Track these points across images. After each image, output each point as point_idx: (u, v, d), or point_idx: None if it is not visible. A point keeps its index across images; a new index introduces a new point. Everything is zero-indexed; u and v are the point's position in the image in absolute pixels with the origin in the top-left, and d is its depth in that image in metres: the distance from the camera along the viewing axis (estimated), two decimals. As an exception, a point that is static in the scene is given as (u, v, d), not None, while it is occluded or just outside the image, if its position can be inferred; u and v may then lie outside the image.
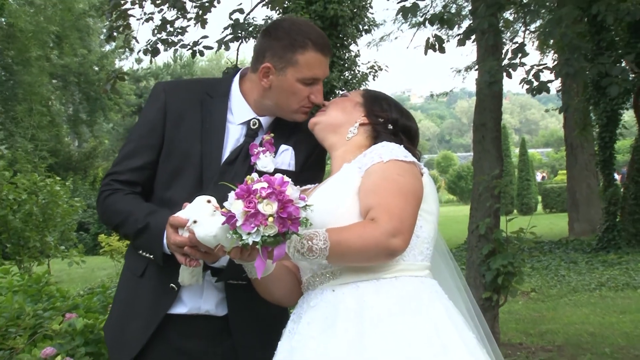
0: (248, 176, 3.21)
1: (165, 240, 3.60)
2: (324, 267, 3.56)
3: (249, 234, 3.12)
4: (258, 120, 3.95)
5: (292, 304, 3.76)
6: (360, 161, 3.67)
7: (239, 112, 3.95)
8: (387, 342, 3.35)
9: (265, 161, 3.87)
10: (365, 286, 3.51)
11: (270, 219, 3.11)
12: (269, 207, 3.12)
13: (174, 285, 3.81)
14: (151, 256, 3.83)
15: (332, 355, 3.37)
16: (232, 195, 3.19)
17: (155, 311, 3.86)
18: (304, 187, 3.85)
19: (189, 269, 3.53)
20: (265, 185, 3.15)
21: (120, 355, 3.93)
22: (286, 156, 3.97)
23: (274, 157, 3.91)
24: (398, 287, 3.51)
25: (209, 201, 3.46)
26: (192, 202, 3.51)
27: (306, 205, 3.21)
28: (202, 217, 3.33)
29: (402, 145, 3.74)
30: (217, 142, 3.91)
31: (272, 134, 3.91)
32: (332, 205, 3.56)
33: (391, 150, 3.64)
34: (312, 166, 4.03)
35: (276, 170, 3.83)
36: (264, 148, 3.88)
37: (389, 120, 3.90)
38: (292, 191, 3.18)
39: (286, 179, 3.20)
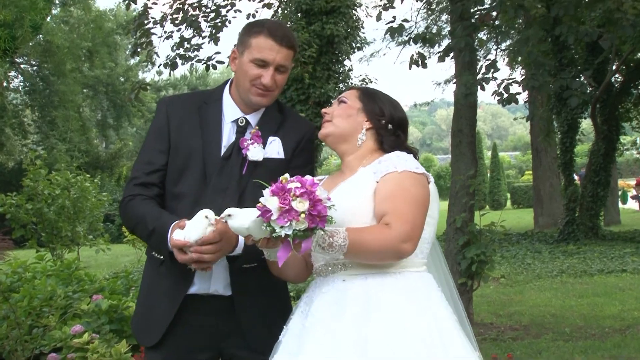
0: (282, 176, 3.29)
1: (169, 243, 3.65)
2: (336, 258, 3.58)
3: (281, 227, 3.19)
4: (245, 118, 3.99)
5: (300, 282, 3.89)
6: (375, 167, 3.68)
7: (229, 112, 4.01)
8: (391, 326, 3.40)
9: (254, 152, 3.90)
10: (373, 278, 3.56)
11: (302, 215, 3.19)
12: (301, 205, 3.19)
13: (191, 267, 3.80)
14: (161, 257, 3.89)
15: (340, 336, 3.40)
16: (267, 192, 3.25)
17: (177, 292, 3.89)
18: (319, 178, 3.93)
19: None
20: (299, 185, 3.23)
21: (150, 337, 3.95)
22: (275, 146, 3.99)
23: (263, 147, 3.94)
24: (401, 281, 3.57)
25: (206, 216, 3.54)
26: (191, 219, 3.58)
27: (332, 205, 3.27)
28: (236, 211, 3.38)
29: (411, 155, 3.77)
30: (215, 140, 3.96)
31: (258, 127, 3.96)
32: (350, 205, 3.58)
33: (405, 162, 3.66)
34: (301, 153, 4.05)
35: (268, 160, 3.94)
36: (252, 141, 3.91)
37: (388, 120, 3.89)
38: (321, 192, 3.25)
39: (316, 180, 3.30)
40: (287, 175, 3.30)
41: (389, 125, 3.88)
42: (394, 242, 3.45)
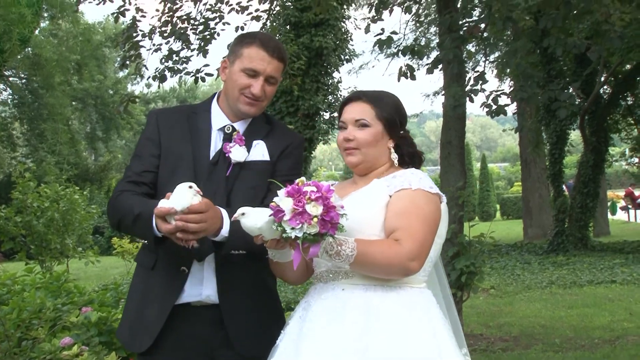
0: (299, 179, 3.30)
1: (155, 227, 3.63)
2: (339, 267, 3.57)
3: (292, 228, 3.19)
4: (232, 125, 4.03)
5: (298, 284, 3.84)
6: (389, 181, 3.67)
7: (217, 121, 4.06)
8: (392, 337, 3.40)
9: (237, 153, 3.94)
10: (373, 290, 3.54)
11: (315, 219, 3.18)
12: (315, 209, 3.19)
13: (184, 268, 3.88)
14: (146, 242, 3.91)
15: (339, 343, 3.40)
16: (282, 192, 3.26)
17: (169, 296, 3.89)
18: (330, 182, 3.91)
19: None
20: (315, 189, 3.23)
21: (140, 343, 3.94)
22: (259, 149, 4.03)
23: (247, 151, 3.97)
24: (402, 295, 3.56)
25: (190, 187, 3.53)
26: (174, 191, 3.55)
27: (344, 213, 3.27)
28: (250, 210, 3.38)
29: (426, 174, 3.75)
30: (204, 145, 4.00)
31: (240, 132, 4.00)
32: (361, 215, 3.56)
33: (419, 180, 3.64)
34: (287, 158, 4.07)
35: (252, 162, 3.97)
36: (234, 143, 3.95)
37: (403, 127, 3.90)
38: (335, 199, 3.26)
39: (332, 187, 3.29)
40: (303, 178, 3.32)
41: (402, 131, 3.88)
42: (402, 260, 3.45)
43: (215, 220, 3.63)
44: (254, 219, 3.34)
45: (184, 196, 3.51)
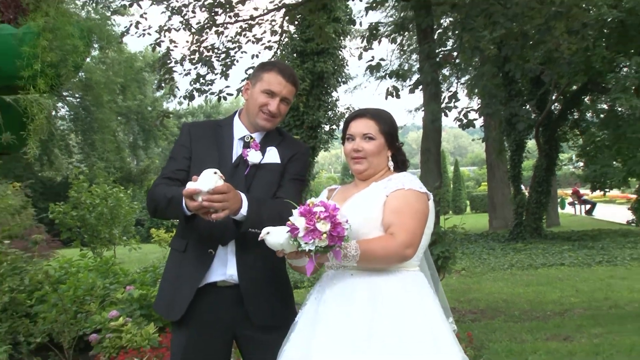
0: (310, 200, 3.31)
1: (184, 205, 3.64)
2: (348, 265, 3.55)
3: (306, 243, 3.21)
4: (250, 135, 4.04)
5: (312, 274, 3.71)
6: (385, 183, 3.67)
7: (238, 131, 4.06)
8: (394, 310, 3.41)
9: (252, 156, 3.95)
10: (377, 275, 3.54)
11: (324, 235, 3.20)
12: (324, 226, 3.20)
13: (211, 250, 3.87)
14: (179, 224, 3.97)
15: (353, 317, 3.40)
16: (296, 212, 3.26)
17: (198, 274, 3.89)
18: (332, 187, 4.05)
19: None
20: (323, 209, 3.23)
21: (175, 312, 3.93)
22: (272, 153, 4.03)
23: (262, 155, 3.99)
24: (400, 278, 3.56)
25: (215, 172, 3.54)
26: (201, 175, 3.55)
27: (349, 227, 3.29)
28: (273, 229, 3.38)
29: (415, 176, 3.77)
30: (228, 152, 4.01)
31: (255, 139, 4.02)
32: (363, 215, 3.56)
33: (411, 182, 3.66)
34: (296, 162, 4.07)
35: (266, 164, 3.98)
36: (251, 148, 3.97)
37: (398, 143, 3.89)
38: (341, 216, 3.26)
39: (338, 205, 3.29)
40: (313, 199, 3.32)
41: (397, 143, 3.88)
42: (399, 249, 3.47)
43: (236, 200, 3.63)
44: (277, 236, 3.34)
45: (209, 179, 3.51)
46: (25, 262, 8.89)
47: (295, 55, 28.24)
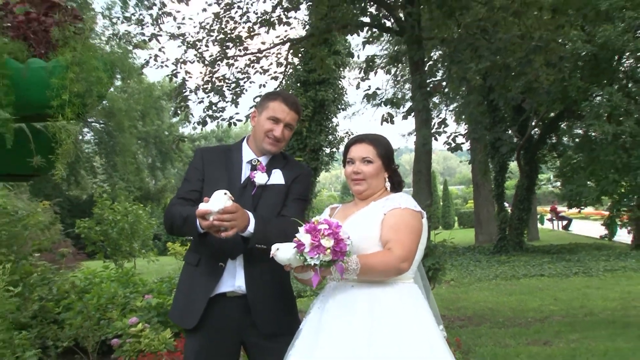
0: (315, 218, 3.31)
1: (197, 224, 3.65)
2: (349, 278, 3.54)
3: (311, 258, 3.21)
4: (257, 159, 4.04)
5: (317, 286, 3.68)
6: (383, 203, 3.66)
7: (246, 155, 4.06)
8: (392, 320, 3.39)
9: (259, 177, 3.95)
10: (376, 286, 3.52)
11: (328, 250, 3.20)
12: (328, 242, 3.20)
13: (222, 264, 3.87)
14: (191, 237, 3.94)
15: (354, 326, 3.38)
16: (302, 229, 3.25)
17: (210, 286, 3.88)
18: (333, 205, 4.04)
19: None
20: (327, 226, 3.23)
21: (189, 321, 3.92)
22: (277, 175, 4.02)
23: (268, 177, 3.99)
24: (397, 289, 3.54)
25: (225, 193, 3.56)
26: (212, 196, 3.56)
27: (350, 242, 3.28)
28: (281, 245, 3.36)
29: (411, 196, 3.78)
30: (237, 174, 4.00)
31: (261, 161, 4.02)
32: (362, 232, 3.55)
33: (406, 201, 3.66)
34: (298, 183, 4.05)
35: (272, 185, 3.98)
36: (257, 171, 3.98)
37: (394, 165, 3.89)
38: (343, 233, 3.25)
39: (340, 223, 3.30)
40: (317, 217, 3.33)
41: (393, 165, 3.88)
42: (395, 263, 3.45)
43: (244, 219, 3.64)
44: (284, 252, 3.32)
45: (219, 200, 3.52)
46: (53, 273, 8.89)
47: (298, 84, 28.35)
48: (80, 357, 7.61)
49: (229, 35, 13.75)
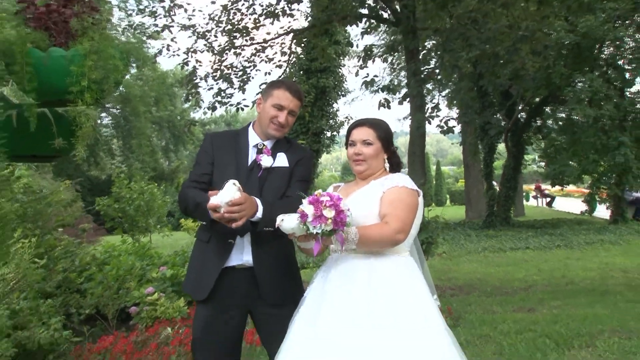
0: (317, 191, 3.32)
1: (209, 213, 3.63)
2: (349, 248, 3.53)
3: (314, 227, 3.22)
4: (263, 143, 4.02)
5: (318, 255, 3.68)
6: (382, 182, 3.66)
7: (253, 140, 4.05)
8: (389, 289, 3.40)
9: (265, 161, 3.95)
10: (374, 258, 3.53)
11: (330, 220, 3.20)
12: (329, 213, 3.21)
13: (232, 240, 3.87)
14: (204, 222, 3.91)
15: (354, 295, 3.39)
16: (305, 201, 3.27)
17: (219, 261, 3.89)
18: (336, 184, 4.01)
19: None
20: (329, 198, 3.24)
21: (201, 293, 3.93)
22: (281, 158, 4.01)
23: (273, 160, 3.98)
24: (394, 260, 3.55)
25: (234, 183, 3.53)
26: (222, 188, 3.55)
27: (350, 214, 3.29)
28: (286, 216, 3.35)
29: (408, 177, 3.77)
30: (244, 157, 3.99)
31: (267, 146, 4.00)
32: (363, 209, 3.56)
33: (404, 180, 3.66)
34: (301, 165, 4.04)
35: (277, 168, 3.96)
36: (263, 154, 3.97)
37: (393, 147, 3.90)
38: (344, 205, 3.27)
39: (341, 196, 3.32)
40: (320, 190, 3.33)
41: (392, 147, 3.88)
42: (391, 234, 3.45)
43: (252, 207, 3.63)
44: (288, 222, 3.32)
45: (228, 192, 3.50)
46: (76, 247, 8.92)
47: (301, 72, 28.28)
48: (101, 323, 7.66)
49: (236, 26, 13.69)
